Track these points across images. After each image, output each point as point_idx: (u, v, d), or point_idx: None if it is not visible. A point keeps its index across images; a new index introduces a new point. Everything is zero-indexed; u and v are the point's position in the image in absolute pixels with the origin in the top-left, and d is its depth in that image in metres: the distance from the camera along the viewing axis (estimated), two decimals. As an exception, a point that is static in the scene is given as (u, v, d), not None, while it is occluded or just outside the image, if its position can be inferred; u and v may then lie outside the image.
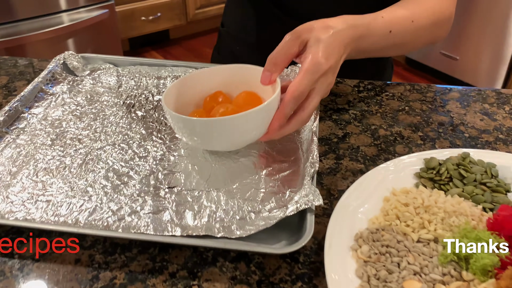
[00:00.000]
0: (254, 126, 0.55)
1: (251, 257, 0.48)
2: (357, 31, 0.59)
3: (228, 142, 0.57)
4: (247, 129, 0.55)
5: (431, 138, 0.66)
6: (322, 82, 0.54)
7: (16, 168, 0.58)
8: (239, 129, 0.54)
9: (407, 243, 0.45)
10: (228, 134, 0.54)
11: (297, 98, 0.53)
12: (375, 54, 0.69)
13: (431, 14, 0.68)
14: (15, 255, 0.48)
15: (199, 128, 0.54)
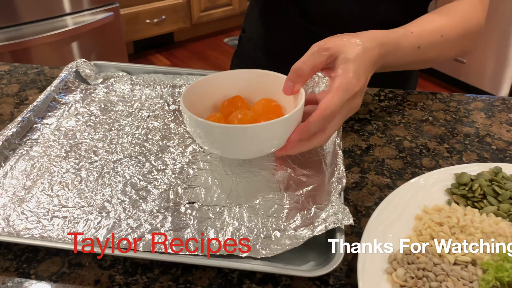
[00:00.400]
0: (275, 136, 0.52)
1: (278, 278, 0.46)
2: (386, 48, 0.57)
3: (245, 150, 0.54)
4: (267, 139, 0.52)
5: (458, 150, 0.64)
6: (349, 103, 0.52)
7: (30, 182, 0.56)
8: (259, 139, 0.52)
9: (445, 266, 0.43)
10: (246, 143, 0.52)
11: (326, 117, 0.50)
12: (400, 68, 0.66)
13: (461, 27, 0.66)
14: (31, 275, 0.46)
15: (218, 134, 0.51)
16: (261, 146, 0.53)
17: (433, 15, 0.67)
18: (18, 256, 0.48)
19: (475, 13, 0.67)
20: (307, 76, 0.54)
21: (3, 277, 0.46)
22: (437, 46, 0.64)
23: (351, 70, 0.52)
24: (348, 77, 0.51)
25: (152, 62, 2.86)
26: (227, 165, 0.59)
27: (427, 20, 0.65)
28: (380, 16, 0.76)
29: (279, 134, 0.52)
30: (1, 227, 0.50)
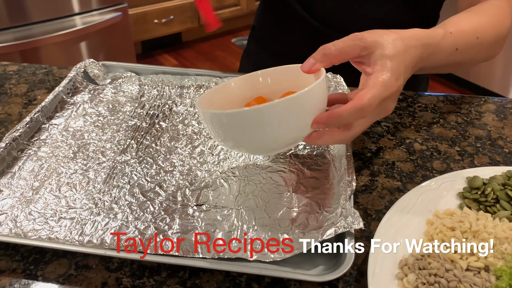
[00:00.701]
0: (295, 117, 0.47)
1: (286, 282, 0.46)
2: (428, 50, 0.54)
3: (266, 138, 0.48)
4: (286, 120, 0.47)
5: (470, 153, 0.63)
6: (384, 102, 0.48)
7: (38, 182, 0.56)
8: (278, 121, 0.46)
9: (457, 272, 0.42)
10: (264, 128, 0.47)
11: (359, 110, 0.46)
12: (435, 71, 0.64)
13: (494, 29, 0.63)
14: (39, 277, 0.46)
15: (231, 123, 0.47)
16: (282, 130, 0.48)
17: (468, 14, 0.63)
18: (25, 257, 0.48)
19: (505, 16, 0.65)
20: (333, 58, 0.50)
21: (10, 279, 0.46)
22: (473, 48, 0.61)
23: (390, 67, 0.48)
24: (387, 74, 0.48)
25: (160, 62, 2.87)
26: (235, 167, 0.59)
27: (462, 20, 0.61)
28: (384, 16, 0.75)
29: (299, 114, 0.47)
30: (9, 228, 0.50)
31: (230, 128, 0.48)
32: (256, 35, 0.92)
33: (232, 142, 0.50)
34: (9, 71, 0.81)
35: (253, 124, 0.46)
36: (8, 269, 0.46)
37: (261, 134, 0.48)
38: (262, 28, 0.90)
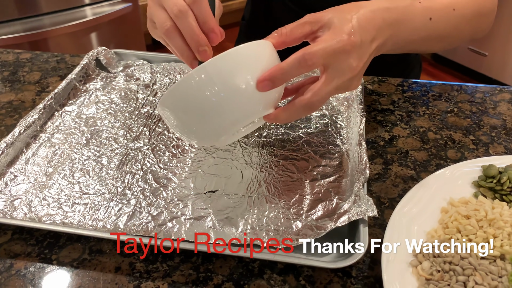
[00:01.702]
0: (235, 79, 0.43)
1: (299, 269, 0.45)
2: (391, 14, 0.50)
3: (212, 112, 0.44)
4: (226, 84, 0.43)
5: (484, 142, 0.62)
6: (340, 60, 0.45)
7: (52, 168, 0.56)
8: (217, 86, 0.43)
9: (472, 260, 0.42)
10: (206, 98, 0.43)
11: (303, 58, 0.43)
12: (416, 46, 0.60)
13: (474, 3, 0.61)
14: (53, 261, 0.46)
15: (173, 101, 0.44)
16: (227, 100, 0.44)
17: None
18: (40, 241, 0.48)
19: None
20: (285, 36, 0.48)
21: (26, 262, 0.46)
22: (450, 20, 0.59)
23: (338, 23, 0.46)
24: (337, 30, 0.45)
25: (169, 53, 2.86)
26: (247, 154, 0.58)
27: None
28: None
29: (240, 72, 0.44)
30: (23, 212, 0.50)
31: (175, 108, 0.45)
32: (246, 26, 0.91)
33: (180, 126, 0.47)
34: (22, 59, 0.81)
35: (192, 95, 0.43)
36: (23, 253, 0.47)
37: (206, 107, 0.44)
38: (251, 19, 0.89)
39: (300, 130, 0.62)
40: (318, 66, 0.45)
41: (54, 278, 0.45)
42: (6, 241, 0.48)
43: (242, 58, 0.44)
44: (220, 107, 0.44)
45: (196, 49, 0.49)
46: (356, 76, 0.47)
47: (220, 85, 0.43)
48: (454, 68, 2.71)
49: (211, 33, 0.49)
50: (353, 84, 0.48)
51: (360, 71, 0.47)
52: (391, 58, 0.60)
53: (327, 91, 0.45)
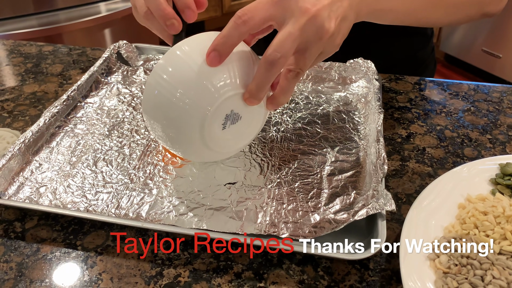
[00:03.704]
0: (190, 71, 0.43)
1: (318, 260, 0.46)
2: None
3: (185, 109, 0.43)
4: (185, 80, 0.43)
5: (501, 141, 0.62)
6: (285, 4, 0.41)
7: (75, 157, 0.57)
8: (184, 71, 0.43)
9: (490, 255, 0.42)
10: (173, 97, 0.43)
11: (234, 17, 0.41)
12: (407, 17, 0.54)
13: None
14: (78, 246, 0.48)
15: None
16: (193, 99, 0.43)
17: None
18: (65, 227, 0.50)
19: None
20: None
21: (51, 247, 0.48)
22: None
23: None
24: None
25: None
26: (266, 148, 0.59)
27: None
28: None
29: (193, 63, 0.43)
30: (49, 199, 0.52)
31: (151, 119, 0.46)
32: None
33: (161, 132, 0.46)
34: (45, 51, 0.83)
35: (156, 103, 0.44)
36: (49, 238, 0.48)
37: (172, 110, 0.43)
38: None
39: (317, 126, 0.63)
40: (259, 20, 0.41)
41: (79, 263, 0.46)
42: (32, 226, 0.50)
43: (186, 47, 0.44)
44: (181, 102, 0.43)
45: (164, 24, 0.49)
46: (315, 17, 0.41)
47: (171, 81, 0.42)
48: (467, 70, 2.69)
49: (186, 9, 0.49)
50: (319, 27, 0.41)
51: (318, 11, 0.41)
52: (401, 54, 0.57)
53: (284, 37, 0.41)
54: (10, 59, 0.81)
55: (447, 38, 2.70)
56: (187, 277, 0.45)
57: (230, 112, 0.46)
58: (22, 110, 0.68)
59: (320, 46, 0.43)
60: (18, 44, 0.86)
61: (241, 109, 0.47)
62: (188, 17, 0.50)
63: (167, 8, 0.48)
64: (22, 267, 0.45)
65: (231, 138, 0.49)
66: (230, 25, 0.42)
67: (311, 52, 0.43)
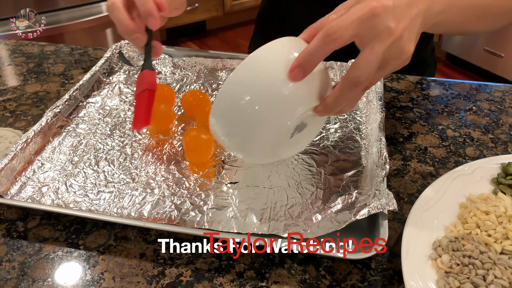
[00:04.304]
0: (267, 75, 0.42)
1: (319, 260, 0.46)
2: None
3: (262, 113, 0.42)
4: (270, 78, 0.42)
5: (503, 141, 0.62)
6: (371, 24, 0.40)
7: (77, 157, 0.58)
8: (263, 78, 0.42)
9: (491, 254, 0.42)
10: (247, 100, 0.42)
11: (323, 34, 0.40)
12: (449, 26, 0.54)
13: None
14: (80, 246, 0.48)
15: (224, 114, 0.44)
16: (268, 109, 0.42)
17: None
18: (67, 227, 0.50)
19: None
20: (315, 29, 0.45)
21: (54, 246, 0.48)
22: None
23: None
24: (363, 1, 0.41)
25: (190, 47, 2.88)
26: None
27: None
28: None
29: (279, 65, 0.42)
30: (51, 199, 0.52)
31: (221, 128, 0.45)
32: (262, 22, 0.92)
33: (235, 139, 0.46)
34: (47, 51, 0.83)
35: (231, 113, 0.43)
36: (51, 238, 0.49)
37: (249, 119, 0.42)
38: (267, 16, 0.90)
39: (319, 125, 0.63)
40: (347, 38, 0.41)
41: (81, 262, 0.46)
42: (35, 225, 0.50)
43: (266, 57, 0.43)
44: (262, 114, 0.42)
45: (130, 39, 0.51)
46: (399, 39, 0.41)
47: (253, 92, 0.42)
48: (469, 69, 2.69)
49: (150, 17, 0.50)
50: (401, 49, 0.42)
51: (402, 33, 0.41)
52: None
53: (370, 59, 0.41)
54: (12, 58, 0.82)
55: (449, 37, 2.70)
56: (189, 276, 0.45)
57: (300, 123, 0.46)
58: (24, 109, 0.68)
59: (396, 65, 0.43)
60: (20, 44, 0.86)
61: (309, 119, 0.46)
62: (151, 24, 0.50)
63: (129, 24, 0.49)
64: (25, 266, 0.45)
65: (294, 144, 0.49)
66: (318, 43, 0.41)
67: (387, 71, 0.43)
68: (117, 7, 0.49)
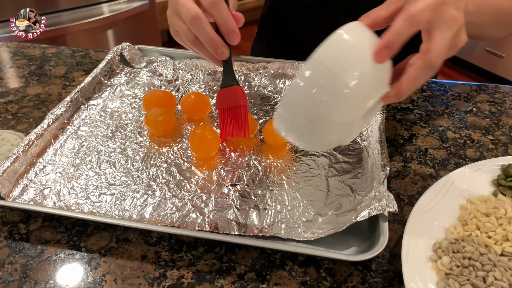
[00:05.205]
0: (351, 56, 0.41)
1: (320, 262, 0.47)
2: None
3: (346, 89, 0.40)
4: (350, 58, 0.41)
5: (503, 142, 0.62)
6: (442, 11, 0.42)
7: (79, 159, 0.58)
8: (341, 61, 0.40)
9: (491, 256, 0.43)
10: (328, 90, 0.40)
11: (409, 14, 0.41)
12: (471, 29, 0.52)
13: None
14: (82, 248, 0.48)
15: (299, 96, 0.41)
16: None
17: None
18: (69, 229, 0.50)
19: None
20: (373, 18, 0.45)
21: (56, 248, 0.48)
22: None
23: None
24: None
25: (184, 50, 2.88)
26: (268, 150, 0.60)
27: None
28: None
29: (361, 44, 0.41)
30: (53, 201, 0.52)
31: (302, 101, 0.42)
32: (265, 24, 0.92)
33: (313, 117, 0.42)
34: (48, 53, 0.84)
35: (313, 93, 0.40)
36: (53, 240, 0.49)
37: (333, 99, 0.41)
38: (270, 17, 0.90)
39: (320, 127, 0.63)
40: (425, 22, 0.42)
41: (82, 264, 0.46)
42: (37, 228, 0.50)
43: (350, 39, 0.41)
44: (346, 95, 0.40)
45: (215, 52, 0.52)
46: (461, 28, 0.43)
47: (340, 73, 0.40)
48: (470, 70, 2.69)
49: (231, 33, 0.51)
50: (462, 38, 0.44)
51: (462, 21, 0.43)
52: (401, 57, 0.57)
53: (443, 45, 0.42)
54: (14, 61, 0.82)
55: (450, 38, 2.69)
56: (190, 278, 0.45)
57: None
58: (26, 112, 0.68)
59: (452, 53, 0.45)
60: (21, 46, 0.87)
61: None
62: (232, 40, 0.52)
63: (216, 38, 0.51)
64: (27, 268, 0.46)
65: (359, 128, 0.46)
66: (404, 24, 0.41)
67: (447, 56, 0.44)
68: (204, 20, 0.50)
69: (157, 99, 0.65)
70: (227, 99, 0.57)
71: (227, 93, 0.56)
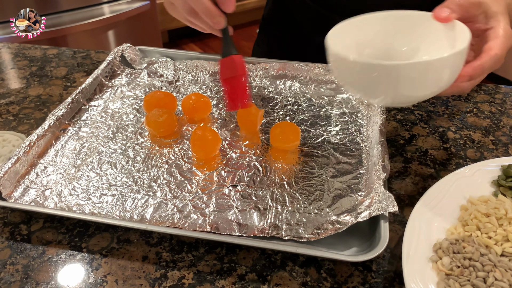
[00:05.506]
0: (445, 73, 0.46)
1: (321, 262, 0.47)
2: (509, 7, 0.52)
3: (416, 91, 0.47)
4: (437, 77, 0.46)
5: (504, 143, 0.62)
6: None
7: (80, 160, 0.58)
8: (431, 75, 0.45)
9: (492, 256, 0.43)
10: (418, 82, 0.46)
11: (495, 57, 0.47)
12: None
13: None
14: (83, 249, 0.48)
15: (381, 74, 0.45)
16: (431, 85, 0.47)
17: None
18: (70, 230, 0.50)
19: None
20: (462, 9, 0.50)
21: (57, 249, 0.48)
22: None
23: (505, 22, 0.49)
24: (507, 27, 0.48)
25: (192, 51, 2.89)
26: (268, 150, 0.60)
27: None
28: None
29: (450, 70, 0.46)
30: (54, 202, 0.52)
31: (377, 79, 0.46)
32: (266, 25, 0.92)
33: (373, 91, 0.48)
34: (49, 54, 0.84)
35: (405, 77, 0.45)
36: (54, 241, 0.49)
37: (411, 85, 0.46)
38: (271, 18, 0.91)
39: (320, 128, 0.63)
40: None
41: (84, 265, 0.47)
42: (38, 228, 0.50)
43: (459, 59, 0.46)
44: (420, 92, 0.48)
45: (211, 21, 0.53)
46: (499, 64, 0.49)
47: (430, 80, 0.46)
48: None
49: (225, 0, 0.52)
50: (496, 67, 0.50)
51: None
52: None
53: (506, 45, 0.48)
54: (15, 62, 0.82)
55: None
56: (191, 279, 0.45)
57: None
58: (27, 113, 0.69)
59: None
60: (22, 47, 0.87)
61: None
62: (227, 7, 0.53)
63: (211, 7, 0.52)
64: (28, 269, 0.46)
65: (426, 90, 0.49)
66: (491, 63, 0.47)
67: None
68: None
69: (158, 100, 0.65)
70: (227, 69, 0.57)
71: (227, 63, 0.57)
